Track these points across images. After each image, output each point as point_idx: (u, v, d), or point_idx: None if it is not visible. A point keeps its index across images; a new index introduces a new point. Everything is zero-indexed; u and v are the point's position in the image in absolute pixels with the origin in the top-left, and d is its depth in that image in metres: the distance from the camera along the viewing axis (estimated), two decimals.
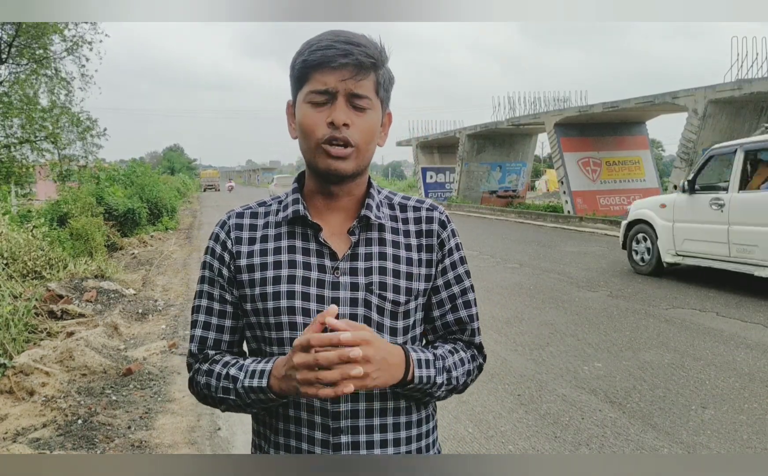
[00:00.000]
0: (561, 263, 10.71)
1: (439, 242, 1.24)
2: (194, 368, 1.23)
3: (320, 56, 1.10)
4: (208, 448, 3.75)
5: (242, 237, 1.22)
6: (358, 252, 1.19)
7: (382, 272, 1.18)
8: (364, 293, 1.17)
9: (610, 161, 21.21)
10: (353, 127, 1.12)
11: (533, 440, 3.78)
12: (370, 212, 1.20)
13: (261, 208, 1.26)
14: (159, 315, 7.14)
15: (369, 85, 1.13)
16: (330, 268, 1.17)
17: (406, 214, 1.25)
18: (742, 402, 4.31)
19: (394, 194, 1.29)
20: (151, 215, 17.53)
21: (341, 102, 1.11)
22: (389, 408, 1.18)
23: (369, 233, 1.21)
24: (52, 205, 12.72)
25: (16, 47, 15.24)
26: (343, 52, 1.09)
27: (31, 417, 4.09)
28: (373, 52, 1.12)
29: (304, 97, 1.14)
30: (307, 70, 1.12)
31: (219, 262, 1.22)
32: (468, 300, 1.27)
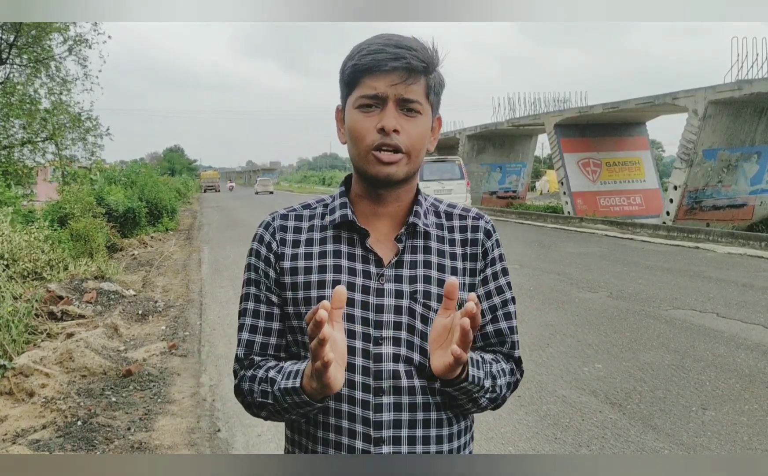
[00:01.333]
0: (561, 264, 10.71)
1: (483, 251, 1.23)
2: (240, 375, 1.19)
3: (371, 60, 1.08)
4: (208, 449, 3.74)
5: (287, 239, 1.20)
6: (404, 260, 1.17)
7: (427, 281, 1.16)
8: (408, 302, 1.15)
9: (610, 162, 21.21)
10: (403, 132, 1.10)
11: (533, 441, 3.78)
12: (419, 220, 1.18)
13: (305, 210, 1.24)
14: (159, 316, 7.14)
15: (419, 90, 1.11)
16: (375, 275, 1.15)
17: (452, 222, 1.23)
18: (743, 403, 4.30)
19: (440, 202, 1.27)
20: (152, 215, 17.52)
21: (391, 107, 1.09)
22: (432, 419, 1.15)
23: (415, 240, 1.19)
24: (52, 206, 12.72)
25: (16, 47, 15.24)
26: (394, 56, 1.08)
27: (30, 418, 4.09)
28: (425, 56, 1.10)
29: (353, 102, 1.12)
30: (357, 74, 1.10)
31: (264, 263, 1.20)
32: (509, 312, 1.25)
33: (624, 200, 21.14)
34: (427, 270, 1.17)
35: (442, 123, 1.24)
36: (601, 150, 21.11)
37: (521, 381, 1.32)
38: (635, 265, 10.55)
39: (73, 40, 15.78)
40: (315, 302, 1.13)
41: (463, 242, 1.22)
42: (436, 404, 1.16)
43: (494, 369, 1.17)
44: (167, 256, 12.38)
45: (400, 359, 1.13)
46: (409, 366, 1.14)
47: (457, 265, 1.20)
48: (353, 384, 1.13)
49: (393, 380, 1.13)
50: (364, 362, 1.13)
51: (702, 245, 13.09)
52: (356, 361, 1.13)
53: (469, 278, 1.21)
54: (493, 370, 1.16)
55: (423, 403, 1.15)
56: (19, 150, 15.72)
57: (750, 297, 7.67)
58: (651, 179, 21.63)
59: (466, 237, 1.22)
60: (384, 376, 1.12)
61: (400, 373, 1.13)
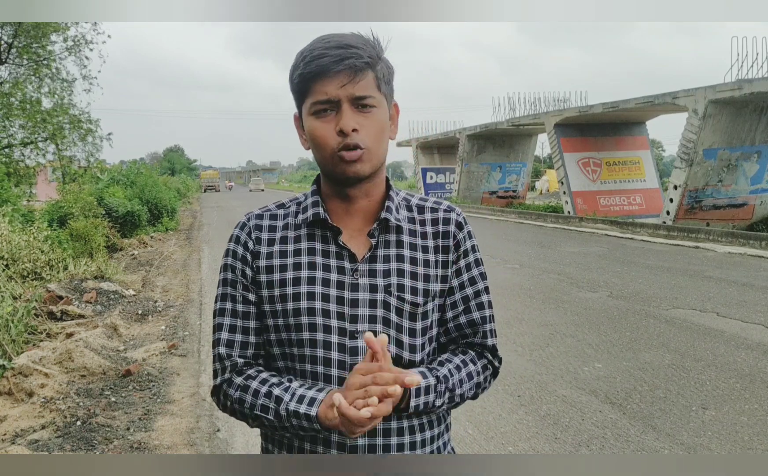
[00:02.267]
0: (561, 264, 10.70)
1: (455, 243, 1.25)
2: (224, 377, 1.20)
3: (315, 67, 1.10)
4: (207, 449, 3.74)
5: (262, 238, 1.22)
6: (377, 254, 1.19)
7: (401, 274, 1.19)
8: (383, 295, 1.17)
9: (611, 162, 21.21)
10: (362, 129, 1.12)
11: (533, 441, 3.77)
12: (390, 215, 1.20)
13: (280, 210, 1.26)
14: (159, 316, 7.13)
15: (369, 84, 1.12)
16: (349, 270, 1.18)
17: (424, 215, 1.25)
18: (743, 403, 4.30)
19: (412, 195, 1.29)
20: (151, 215, 17.53)
21: (346, 108, 1.11)
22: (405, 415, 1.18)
23: (387, 235, 1.21)
24: (52, 206, 12.71)
25: (16, 48, 15.24)
26: (337, 58, 1.09)
27: (30, 418, 4.08)
28: (367, 51, 1.12)
29: (308, 109, 1.14)
30: (306, 83, 1.12)
31: (241, 263, 1.22)
32: (482, 302, 1.27)
33: (624, 199, 21.14)
34: (400, 264, 1.19)
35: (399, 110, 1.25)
36: (601, 150, 21.10)
37: (521, 380, 1.31)
38: (635, 264, 10.55)
39: (72, 40, 15.78)
40: (291, 299, 1.16)
41: (435, 234, 1.24)
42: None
43: (453, 381, 1.18)
44: (167, 256, 12.38)
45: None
46: None
47: (430, 258, 1.22)
48: (329, 378, 1.15)
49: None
50: (340, 356, 1.15)
51: (702, 245, 13.09)
52: (332, 355, 1.16)
53: (441, 270, 1.23)
54: (451, 384, 1.17)
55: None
56: (20, 150, 15.72)
57: (750, 297, 7.66)
58: (651, 178, 21.63)
59: (437, 230, 1.24)
60: None
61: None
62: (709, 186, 15.88)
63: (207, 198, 45.86)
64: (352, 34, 1.14)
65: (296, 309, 1.16)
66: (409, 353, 1.19)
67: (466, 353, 1.25)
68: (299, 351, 1.17)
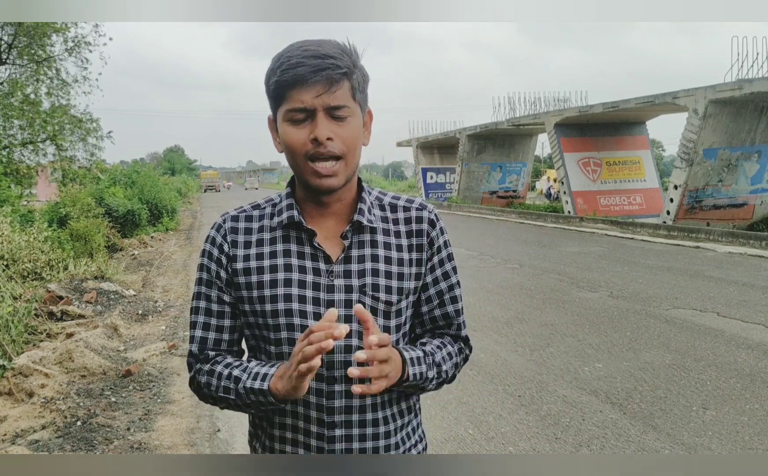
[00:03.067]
0: (561, 264, 10.70)
1: (429, 241, 1.28)
2: (195, 368, 1.26)
3: (292, 76, 1.11)
4: (208, 450, 3.74)
5: (238, 240, 1.24)
6: (351, 255, 1.22)
7: (375, 274, 1.22)
8: (357, 295, 1.20)
9: (611, 161, 21.21)
10: (337, 138, 1.14)
11: (534, 441, 3.77)
12: (363, 218, 1.23)
13: (255, 211, 1.28)
14: (159, 316, 7.13)
15: (345, 94, 1.14)
16: (325, 271, 1.20)
17: (397, 214, 1.28)
18: (744, 402, 4.30)
19: (385, 194, 1.32)
20: (152, 215, 17.53)
21: (321, 117, 1.12)
22: (378, 402, 1.23)
23: (361, 235, 1.24)
24: (52, 206, 12.71)
25: (16, 48, 15.23)
26: (314, 67, 1.10)
27: (30, 418, 4.08)
28: (344, 61, 1.13)
29: (283, 115, 1.15)
30: (282, 89, 1.13)
31: (216, 264, 1.25)
32: (455, 296, 1.32)
33: (624, 199, 21.14)
34: (375, 264, 1.22)
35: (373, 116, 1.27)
36: (602, 149, 21.10)
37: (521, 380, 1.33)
38: (635, 264, 10.55)
39: (73, 41, 15.77)
40: (268, 301, 1.20)
41: (408, 233, 1.27)
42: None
43: (438, 357, 1.25)
44: (167, 256, 12.38)
45: (351, 350, 1.19)
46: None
47: (404, 256, 1.25)
48: None
49: (344, 369, 1.18)
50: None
51: (702, 245, 13.09)
52: None
53: (415, 268, 1.26)
54: (437, 359, 1.24)
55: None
56: (20, 151, 15.71)
57: (750, 297, 7.66)
58: (651, 178, 21.63)
59: (411, 228, 1.27)
60: (336, 366, 1.19)
61: (352, 363, 1.19)
62: (710, 186, 15.88)
63: (207, 198, 45.86)
64: (329, 41, 1.15)
65: (274, 311, 1.19)
66: None
67: (442, 337, 1.32)
68: (277, 350, 1.20)
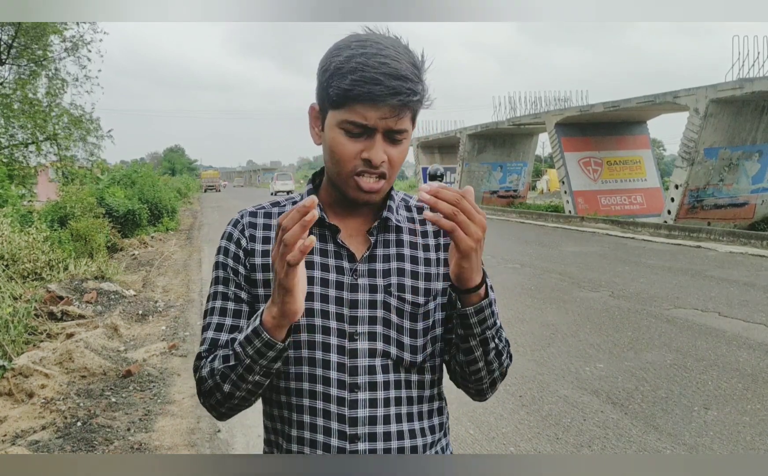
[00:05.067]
0: (562, 264, 10.69)
1: None
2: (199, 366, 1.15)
3: (366, 92, 1.02)
4: (208, 450, 3.73)
5: (256, 235, 1.19)
6: (377, 254, 1.17)
7: (401, 274, 1.16)
8: (382, 295, 1.15)
9: (611, 161, 21.19)
10: (388, 159, 1.09)
11: (535, 441, 3.76)
12: (392, 214, 1.18)
13: (275, 208, 1.23)
14: (159, 316, 7.13)
15: (408, 119, 1.09)
16: (348, 270, 1.15)
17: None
18: (745, 402, 4.28)
19: (410, 197, 1.28)
20: (152, 215, 17.53)
21: (379, 138, 1.06)
22: (406, 414, 1.15)
23: (387, 234, 1.19)
24: (52, 206, 12.71)
25: (15, 48, 15.23)
26: (391, 90, 1.02)
27: (30, 419, 4.08)
28: (418, 89, 1.06)
29: (338, 121, 1.07)
30: (346, 99, 1.05)
31: (234, 260, 1.18)
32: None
33: (625, 199, 21.12)
34: (401, 263, 1.17)
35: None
36: (602, 149, 21.08)
37: (522, 380, 1.30)
38: (636, 264, 10.53)
39: (71, 41, 15.78)
40: None
41: (436, 233, 1.22)
42: (410, 399, 1.16)
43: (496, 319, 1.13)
44: (167, 256, 12.37)
45: (376, 353, 1.13)
46: (386, 360, 1.14)
47: (431, 256, 1.20)
48: (328, 381, 1.12)
49: (368, 375, 1.12)
50: (339, 358, 1.12)
51: (703, 244, 13.07)
52: (331, 357, 1.12)
53: (443, 269, 1.20)
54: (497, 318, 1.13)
55: (397, 398, 1.15)
56: (20, 151, 15.72)
57: (752, 296, 7.64)
58: (652, 178, 21.61)
59: (438, 229, 1.21)
60: (360, 372, 1.12)
61: (376, 368, 1.13)
62: (711, 185, 15.86)
63: (207, 198, 45.87)
64: (405, 52, 1.07)
65: None
66: (411, 355, 1.17)
67: None
68: (296, 354, 1.14)
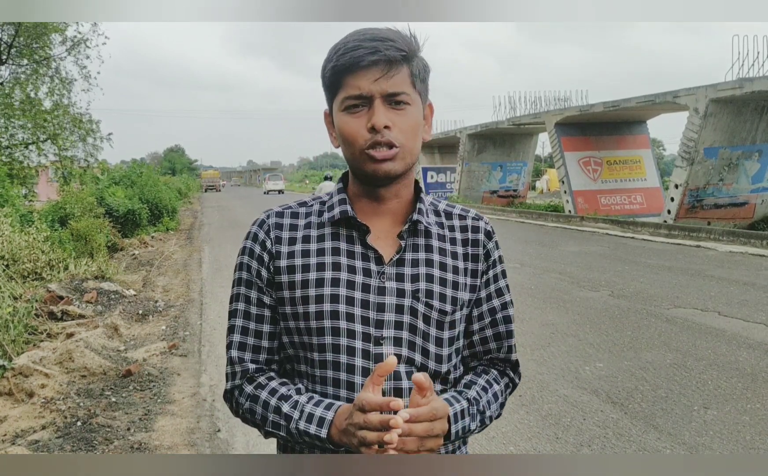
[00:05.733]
0: (562, 263, 10.69)
1: (485, 252, 1.21)
2: (235, 383, 1.17)
3: (349, 59, 1.05)
4: (208, 450, 3.73)
5: (282, 237, 1.16)
6: (405, 258, 1.14)
7: (429, 280, 1.14)
8: (410, 301, 1.12)
9: (611, 161, 21.20)
10: (395, 127, 1.07)
11: (535, 441, 3.76)
12: (422, 217, 1.16)
13: (302, 208, 1.21)
14: (159, 316, 7.13)
15: (404, 80, 1.08)
16: (376, 272, 1.12)
17: (452, 221, 1.21)
18: (745, 402, 4.29)
19: (439, 201, 1.26)
20: (152, 215, 17.53)
21: (378, 104, 1.07)
22: None
23: (416, 238, 1.16)
24: (53, 206, 12.71)
25: (16, 48, 15.23)
26: (371, 49, 1.05)
27: (30, 418, 4.08)
28: (403, 44, 1.08)
29: (339, 105, 1.10)
30: (338, 76, 1.08)
31: (258, 262, 1.16)
32: (508, 315, 1.23)
33: (625, 198, 21.13)
34: (430, 268, 1.14)
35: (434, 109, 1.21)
36: (602, 149, 21.09)
37: (521, 381, 1.31)
38: (636, 264, 10.53)
39: (72, 41, 15.78)
40: (313, 301, 1.11)
41: (464, 242, 1.20)
42: None
43: (483, 403, 1.16)
44: (168, 256, 12.37)
45: (401, 359, 1.11)
46: (410, 367, 1.12)
47: (459, 265, 1.18)
48: (353, 386, 1.10)
49: (394, 381, 1.10)
50: (364, 363, 1.10)
51: (703, 244, 13.07)
52: (356, 362, 1.11)
53: (470, 279, 1.19)
54: (481, 406, 1.15)
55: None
56: (20, 151, 15.72)
57: (752, 296, 7.65)
58: (652, 177, 21.62)
59: (467, 237, 1.20)
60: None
61: (401, 374, 1.11)
62: (710, 185, 15.87)
63: (208, 198, 45.86)
64: (388, 28, 1.10)
65: (319, 312, 1.10)
66: (435, 363, 1.15)
67: (489, 373, 1.22)
68: (321, 357, 1.12)
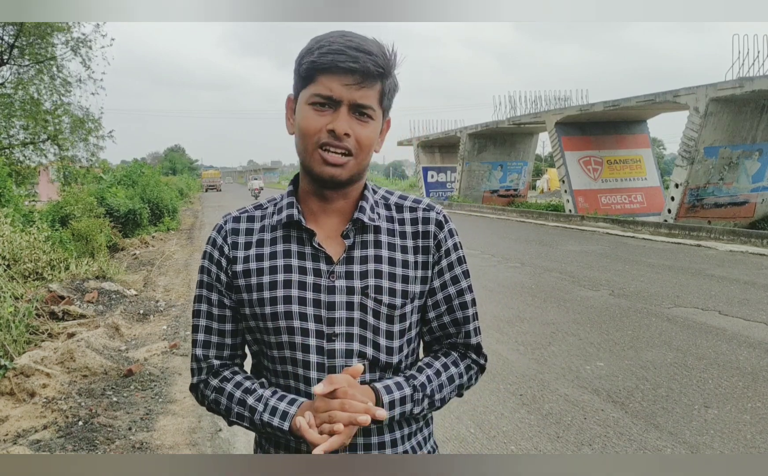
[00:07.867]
0: (562, 262, 10.69)
1: (436, 243, 1.22)
2: (200, 378, 1.25)
3: (329, 60, 1.08)
4: (209, 450, 3.74)
5: (238, 242, 1.21)
6: (354, 256, 1.18)
7: (378, 276, 1.17)
8: (359, 297, 1.16)
9: (612, 160, 21.19)
10: (353, 137, 1.11)
11: (535, 440, 3.77)
12: (364, 215, 1.18)
13: (257, 211, 1.25)
14: (160, 316, 7.14)
15: (373, 95, 1.12)
16: (326, 272, 1.16)
17: (403, 214, 1.23)
18: (746, 401, 4.29)
19: (391, 194, 1.27)
20: (153, 215, 17.54)
21: (344, 111, 1.10)
22: None
23: (364, 235, 1.19)
24: (53, 206, 12.72)
25: (18, 48, 15.24)
26: (353, 58, 1.08)
27: (31, 418, 4.09)
28: (383, 62, 1.11)
29: (307, 98, 1.12)
30: (314, 71, 1.10)
31: (216, 267, 1.22)
32: (465, 301, 1.25)
33: (625, 198, 21.12)
34: (378, 265, 1.18)
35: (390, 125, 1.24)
36: (603, 148, 21.08)
37: (523, 379, 1.31)
38: (637, 263, 10.54)
39: (75, 41, 15.78)
40: (268, 304, 1.17)
41: (415, 234, 1.22)
42: None
43: (432, 387, 1.19)
44: (168, 255, 12.38)
45: (353, 354, 1.15)
46: (362, 361, 1.17)
47: (409, 258, 1.20)
48: (308, 380, 1.16)
49: None
50: (318, 358, 1.16)
51: (704, 243, 13.07)
52: (311, 358, 1.16)
53: (421, 271, 1.21)
54: (429, 390, 1.19)
55: None
56: (20, 151, 15.73)
57: (752, 295, 7.65)
58: (652, 176, 21.61)
59: (417, 230, 1.22)
60: (338, 372, 1.15)
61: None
62: (711, 184, 15.86)
63: (208, 198, 45.88)
64: (374, 40, 1.13)
65: (273, 313, 1.16)
66: (386, 356, 1.19)
67: (449, 356, 1.25)
68: (279, 353, 1.18)
